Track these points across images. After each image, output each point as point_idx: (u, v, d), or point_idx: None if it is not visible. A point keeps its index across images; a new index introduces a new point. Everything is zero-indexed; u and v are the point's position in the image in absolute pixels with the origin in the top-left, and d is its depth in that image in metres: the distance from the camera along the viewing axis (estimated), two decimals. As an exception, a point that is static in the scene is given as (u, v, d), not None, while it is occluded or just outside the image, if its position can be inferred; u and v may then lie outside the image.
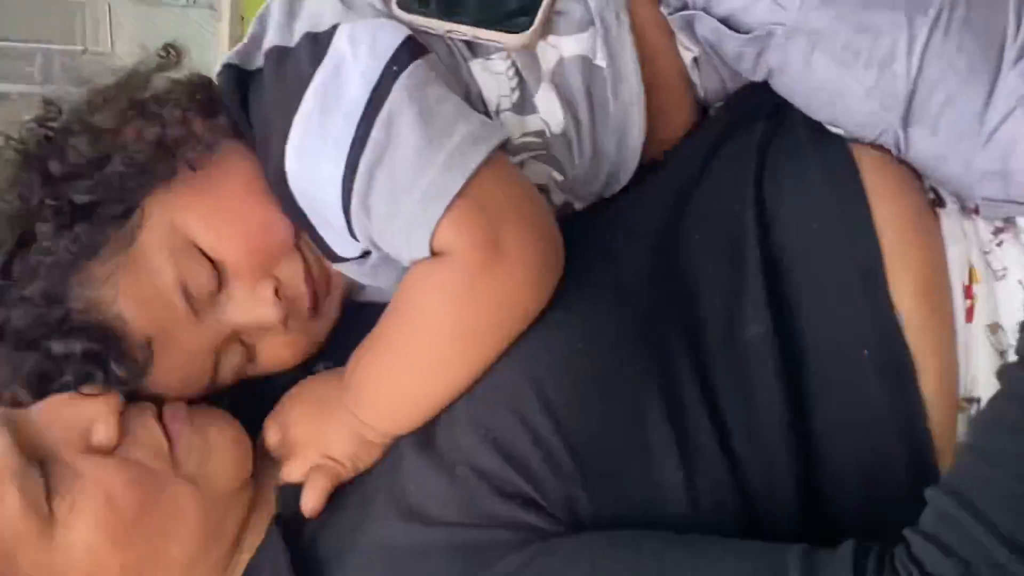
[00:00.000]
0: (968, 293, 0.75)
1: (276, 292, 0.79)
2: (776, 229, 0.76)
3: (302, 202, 0.77)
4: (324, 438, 0.78)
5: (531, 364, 0.72)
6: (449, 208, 0.70)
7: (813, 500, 0.71)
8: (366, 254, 0.80)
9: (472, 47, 0.82)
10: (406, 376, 0.74)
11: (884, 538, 0.63)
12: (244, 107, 0.80)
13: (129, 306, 0.75)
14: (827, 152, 0.82)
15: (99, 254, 0.75)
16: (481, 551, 0.66)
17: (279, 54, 0.78)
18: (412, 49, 0.76)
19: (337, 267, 0.83)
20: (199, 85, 0.82)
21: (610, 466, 0.68)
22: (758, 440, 0.70)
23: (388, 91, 0.73)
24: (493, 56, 0.81)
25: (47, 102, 0.82)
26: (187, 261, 0.76)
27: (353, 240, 0.77)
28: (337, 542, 0.75)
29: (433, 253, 0.72)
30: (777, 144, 0.82)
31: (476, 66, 0.81)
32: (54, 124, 0.79)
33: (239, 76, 0.81)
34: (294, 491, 0.78)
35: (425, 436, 0.74)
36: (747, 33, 0.81)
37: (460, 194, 0.70)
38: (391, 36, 0.76)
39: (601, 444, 0.69)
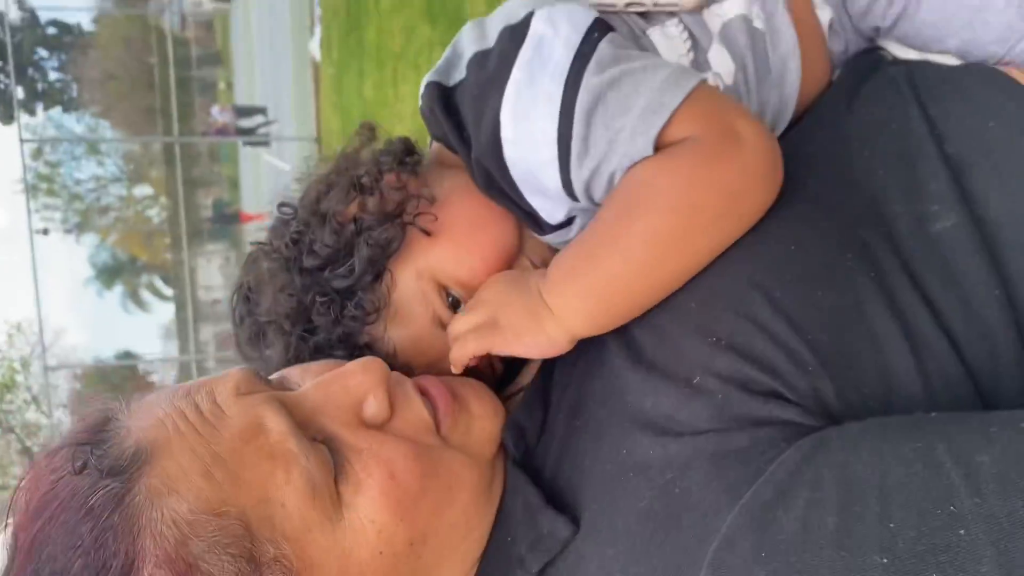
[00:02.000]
0: None
1: None
2: (951, 137, 0.80)
3: (516, 171, 0.85)
4: (501, 302, 0.84)
5: (749, 268, 0.74)
6: (676, 111, 0.76)
7: None
8: (570, 221, 0.90)
9: (647, 18, 0.91)
10: (614, 262, 0.75)
11: None
12: (449, 115, 0.88)
13: (404, 349, 0.91)
14: (976, 70, 0.88)
15: (367, 321, 0.88)
16: (748, 454, 0.66)
17: (481, 56, 0.87)
18: (605, 24, 0.85)
19: (547, 239, 0.93)
20: (398, 146, 0.95)
21: (846, 357, 0.69)
22: (973, 320, 0.72)
23: (592, 51, 0.80)
24: (668, 23, 0.91)
25: (280, 204, 0.94)
26: (438, 300, 0.90)
27: (566, 198, 0.84)
28: (578, 473, 0.75)
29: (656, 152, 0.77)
30: (920, 75, 0.87)
31: (655, 33, 0.90)
32: (293, 222, 0.91)
33: (441, 91, 0.90)
34: (523, 434, 0.82)
35: (633, 353, 0.75)
36: None
37: (683, 103, 0.76)
38: (585, 14, 0.85)
39: (833, 336, 0.70)
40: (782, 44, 0.91)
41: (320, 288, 0.87)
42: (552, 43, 0.82)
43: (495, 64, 0.84)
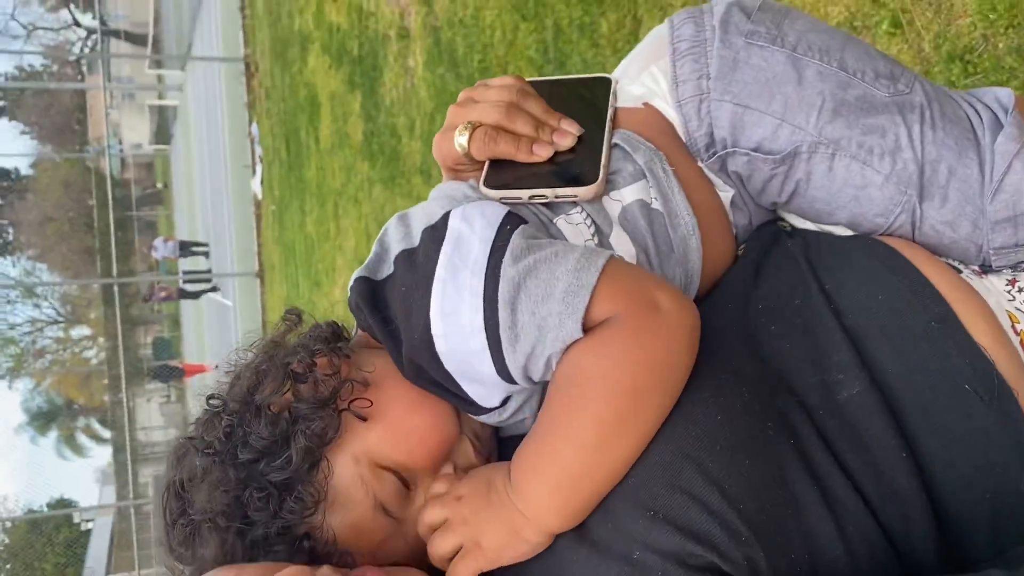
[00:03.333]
0: (1015, 331, 0.90)
1: (455, 470, 0.91)
2: (845, 309, 0.89)
3: (449, 363, 0.88)
4: (480, 523, 0.84)
5: (682, 442, 0.78)
6: (595, 290, 0.82)
7: (944, 524, 0.80)
8: (505, 402, 0.92)
9: (552, 208, 0.98)
10: (572, 454, 0.80)
11: (1017, 540, 0.75)
12: (376, 310, 0.91)
13: (345, 537, 0.88)
14: (861, 243, 0.97)
15: (306, 512, 0.86)
16: None
17: (407, 255, 0.92)
18: (516, 218, 0.91)
19: (481, 419, 0.94)
20: (326, 330, 0.96)
21: (774, 524, 0.74)
22: (884, 483, 0.79)
23: (507, 243, 0.87)
24: (571, 212, 0.97)
25: (208, 397, 0.94)
26: (378, 483, 0.89)
27: (501, 382, 0.88)
28: None
29: (585, 333, 0.82)
30: (815, 248, 0.97)
31: (560, 222, 0.96)
32: (224, 416, 0.90)
33: (370, 286, 0.94)
34: None
35: (578, 530, 0.80)
36: (776, 155, 0.98)
37: (600, 280, 0.83)
38: (496, 209, 0.92)
39: (760, 505, 0.75)
40: (681, 225, 0.98)
41: (257, 482, 0.85)
42: (469, 239, 0.87)
43: (420, 263, 0.88)
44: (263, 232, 13.76)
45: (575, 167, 0.98)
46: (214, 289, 18.86)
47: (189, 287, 19.43)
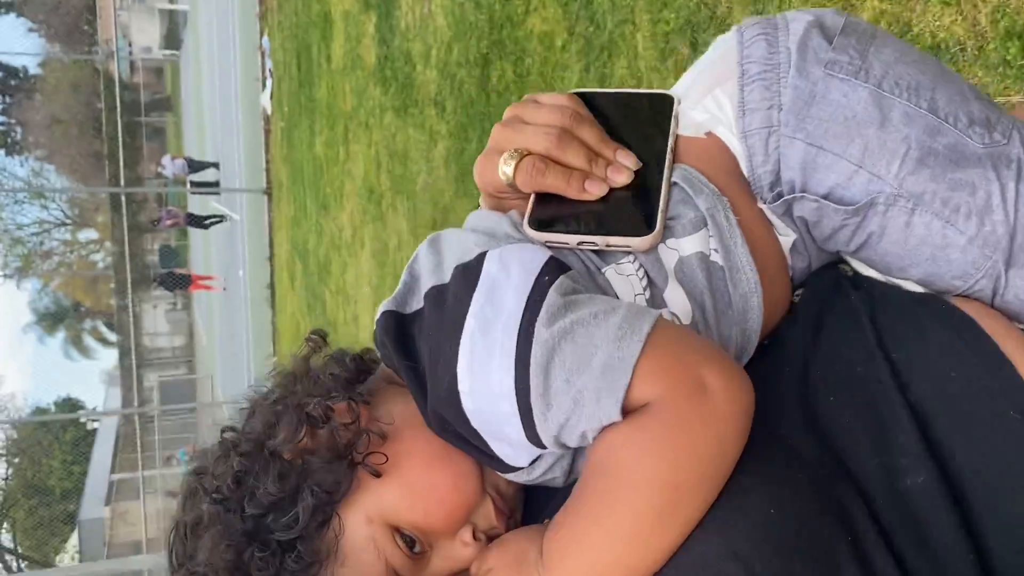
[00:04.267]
0: None
1: (474, 534, 0.86)
2: (913, 385, 0.81)
3: (476, 420, 0.81)
4: None
5: (731, 536, 0.72)
6: (637, 367, 0.74)
7: None
8: (534, 462, 0.84)
9: (602, 255, 0.88)
10: (606, 543, 0.74)
11: None
12: (402, 350, 0.85)
13: None
14: (935, 309, 0.87)
15: (312, 570, 0.82)
16: None
17: (437, 292, 0.85)
18: (557, 264, 0.82)
19: (509, 477, 0.87)
20: (350, 366, 0.91)
21: None
22: None
23: (543, 298, 0.78)
24: (622, 261, 0.87)
25: (223, 429, 0.90)
26: (390, 546, 0.84)
27: (530, 446, 0.81)
28: None
29: (625, 415, 0.75)
30: (882, 309, 0.88)
31: (609, 272, 0.87)
32: (236, 457, 0.85)
33: (397, 320, 0.87)
34: None
35: None
36: (849, 205, 0.87)
37: (643, 354, 0.74)
38: (536, 255, 0.83)
39: None
40: (743, 281, 0.88)
41: (261, 539, 0.82)
42: (504, 289, 0.80)
43: (450, 308, 0.82)
44: (272, 149, 13.60)
45: (630, 210, 0.87)
46: (222, 220, 18.75)
47: (197, 213, 19.30)
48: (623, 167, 0.89)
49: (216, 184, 18.71)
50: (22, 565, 35.05)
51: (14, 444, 36.83)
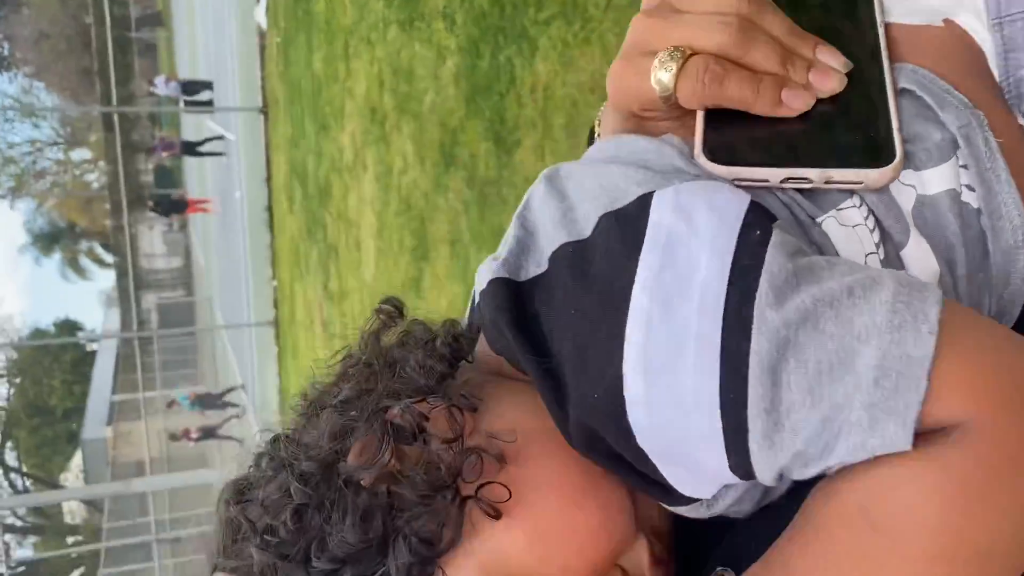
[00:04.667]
0: None
1: None
2: None
3: (647, 439, 0.57)
4: None
5: None
6: (935, 370, 0.49)
7: None
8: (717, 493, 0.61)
9: (815, 198, 0.63)
10: None
11: None
12: (525, 336, 0.60)
13: None
14: None
15: None
16: None
17: (574, 251, 0.60)
18: (763, 212, 0.58)
19: (678, 510, 0.63)
20: (442, 349, 0.67)
21: None
22: None
23: (757, 262, 0.54)
24: (844, 205, 0.62)
25: (273, 440, 0.67)
26: None
27: (728, 476, 0.57)
28: None
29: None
30: None
31: (828, 222, 0.62)
32: (295, 482, 0.62)
33: (512, 292, 0.62)
34: None
35: None
36: None
37: (940, 351, 0.50)
38: (732, 199, 0.58)
39: None
40: (1006, 231, 0.63)
41: None
42: (690, 248, 0.55)
43: (601, 275, 0.58)
44: (267, 65, 13.16)
45: (848, 131, 0.62)
46: (220, 138, 18.38)
47: (192, 140, 18.91)
48: (830, 68, 0.62)
49: (210, 103, 18.27)
50: (27, 483, 35.64)
51: (14, 365, 37.09)
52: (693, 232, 0.55)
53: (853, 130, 0.61)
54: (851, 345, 0.50)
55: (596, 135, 0.73)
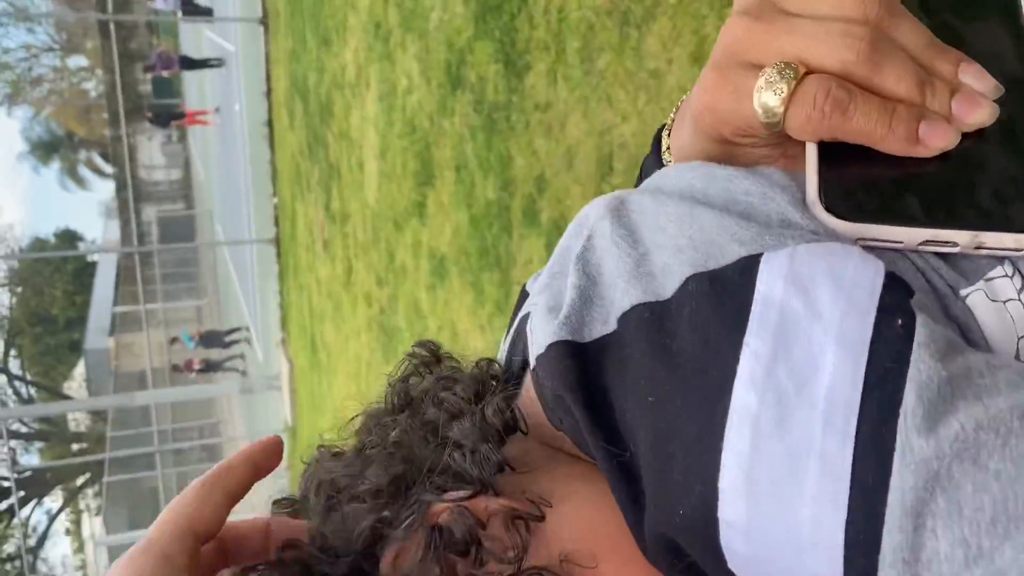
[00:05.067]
0: None
1: None
2: None
3: (739, 567, 0.44)
4: None
5: None
6: None
7: None
8: None
9: (955, 264, 0.49)
10: None
11: None
12: (595, 413, 0.49)
13: None
14: None
15: None
16: None
17: (652, 316, 0.47)
18: (901, 288, 0.44)
19: None
20: (494, 421, 0.55)
21: None
22: None
23: (902, 368, 0.41)
24: (994, 276, 0.48)
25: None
26: None
27: None
28: None
29: None
30: None
31: (975, 297, 0.48)
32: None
33: (579, 358, 0.50)
34: None
35: None
36: None
37: None
38: (864, 271, 0.44)
39: None
40: None
41: None
42: (811, 336, 0.43)
43: (691, 357, 0.46)
44: (267, -26, 12.75)
45: (1004, 178, 0.48)
46: (220, 64, 17.94)
47: (192, 58, 18.46)
48: (977, 94, 0.48)
49: (209, 12, 17.80)
50: (32, 392, 36.08)
51: (15, 274, 37.14)
52: (815, 315, 0.43)
53: (1010, 180, 0.48)
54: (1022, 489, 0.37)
55: (664, 148, 0.60)
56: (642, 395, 0.46)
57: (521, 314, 0.66)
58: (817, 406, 0.41)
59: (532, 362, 0.54)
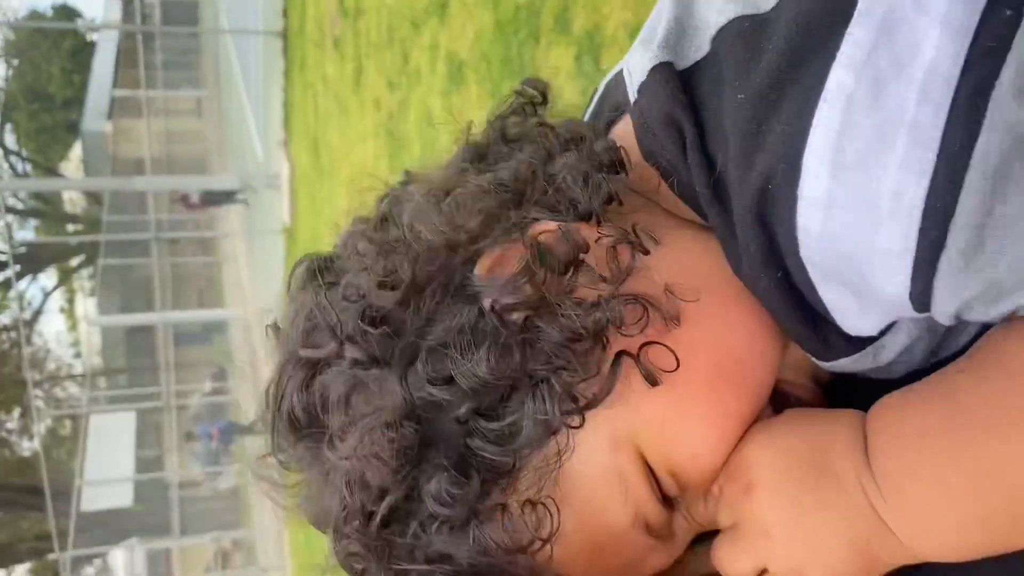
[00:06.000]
0: None
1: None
2: None
3: (814, 252, 0.47)
4: (801, 541, 0.50)
5: None
6: None
7: None
8: (884, 332, 0.51)
9: None
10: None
11: None
12: (697, 136, 0.51)
13: (568, 553, 0.54)
14: None
15: (525, 499, 0.52)
16: None
17: (751, 25, 0.49)
18: None
19: (831, 366, 0.55)
20: (604, 156, 0.56)
21: None
22: None
23: (1004, 46, 0.42)
24: None
25: (355, 222, 0.60)
26: (644, 487, 0.54)
27: (903, 306, 0.47)
28: None
29: None
30: None
31: None
32: (407, 293, 0.53)
33: (673, 81, 0.52)
34: None
35: None
36: None
37: None
38: None
39: None
40: None
41: (442, 447, 0.52)
42: (915, 26, 0.43)
43: (788, 48, 0.46)
44: None
45: None
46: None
47: None
48: None
49: None
50: (27, 168, 35.84)
51: (12, 46, 36.07)
52: (921, 8, 0.43)
53: None
54: None
55: None
56: (733, 99, 0.48)
57: (606, 80, 0.66)
58: (915, 82, 0.43)
59: (632, 96, 0.55)
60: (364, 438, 0.51)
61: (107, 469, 17.65)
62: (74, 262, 31.54)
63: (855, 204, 0.44)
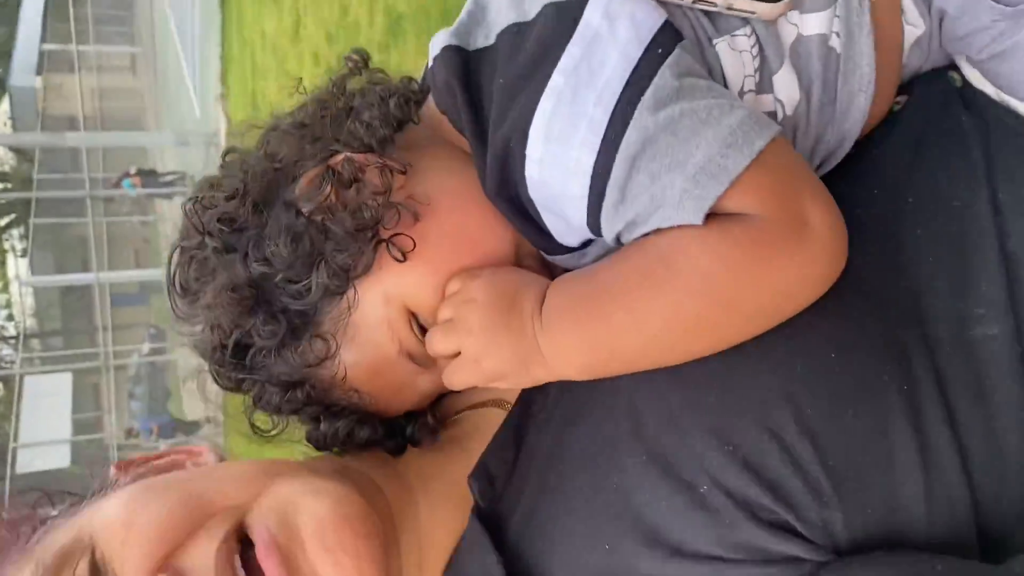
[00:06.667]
0: None
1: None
2: (1016, 233, 0.74)
3: (535, 191, 0.75)
4: (487, 342, 0.76)
5: (784, 377, 0.70)
6: (739, 178, 0.67)
7: None
8: (585, 245, 0.80)
9: (716, 23, 0.78)
10: (627, 330, 0.70)
11: None
12: (469, 97, 0.77)
13: (357, 376, 0.80)
14: None
15: (318, 344, 0.78)
16: None
17: (516, 32, 0.75)
18: (672, 32, 0.73)
19: (555, 259, 0.83)
20: (391, 109, 0.81)
21: (858, 481, 0.67)
22: (992, 440, 0.70)
23: (651, 73, 0.70)
24: (738, 33, 0.78)
25: (226, 151, 0.85)
26: (406, 330, 0.79)
27: (586, 231, 0.75)
28: (547, 544, 0.73)
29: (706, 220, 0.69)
30: (997, 140, 0.78)
31: (721, 45, 0.77)
32: (243, 199, 0.78)
33: (463, 59, 0.77)
34: (491, 482, 0.79)
35: (633, 423, 0.72)
36: (1009, 6, 0.75)
37: (749, 168, 0.67)
38: (651, 16, 0.73)
39: (851, 460, 0.68)
40: (855, 76, 0.79)
41: (267, 296, 0.77)
42: (607, 49, 0.70)
43: (533, 53, 0.72)
44: None
45: None
46: None
47: None
48: None
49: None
50: (-48, 124, 34.55)
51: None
52: (613, 37, 0.70)
53: None
54: (691, 150, 0.67)
55: None
56: (499, 78, 0.74)
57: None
58: (596, 89, 0.70)
59: (430, 63, 0.80)
60: (218, 297, 0.76)
61: (43, 432, 17.41)
62: (4, 221, 30.67)
63: (556, 164, 0.71)
